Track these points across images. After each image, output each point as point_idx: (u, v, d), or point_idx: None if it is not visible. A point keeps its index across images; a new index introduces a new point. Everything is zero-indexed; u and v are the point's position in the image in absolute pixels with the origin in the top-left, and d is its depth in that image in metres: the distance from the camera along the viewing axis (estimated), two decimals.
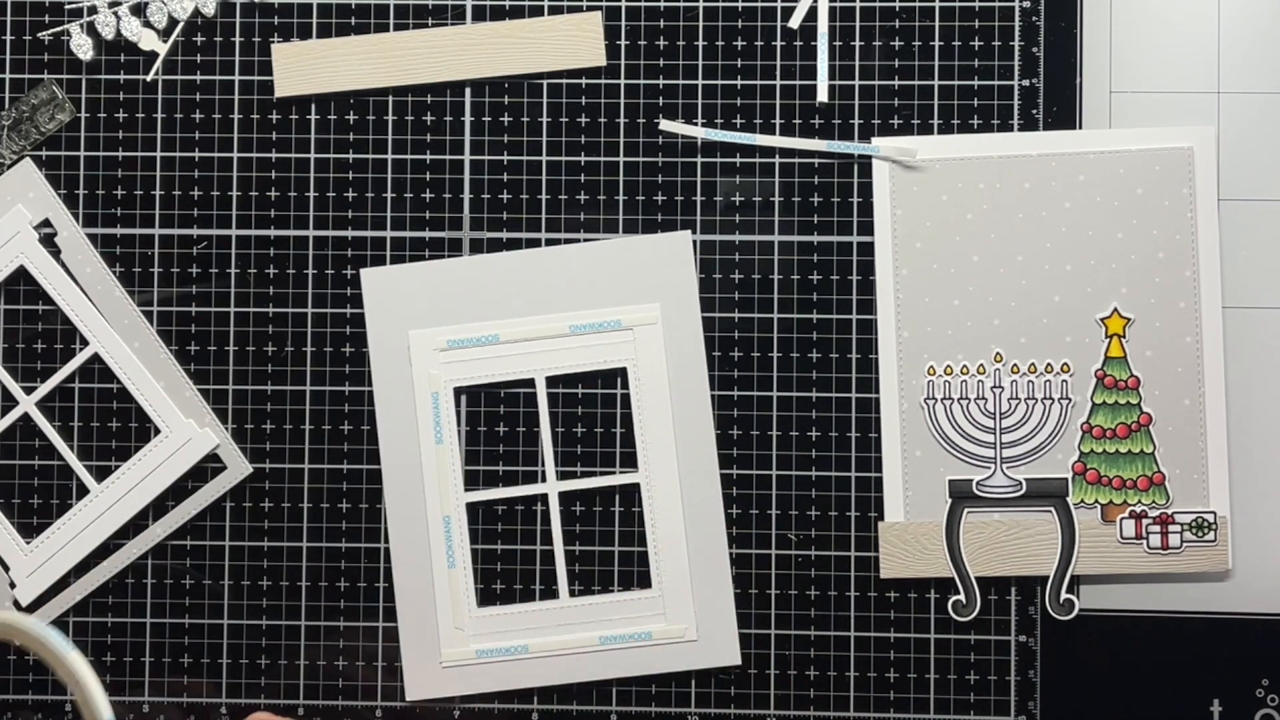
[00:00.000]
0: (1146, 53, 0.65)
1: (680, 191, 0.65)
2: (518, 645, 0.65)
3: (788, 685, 0.64)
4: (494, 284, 0.65)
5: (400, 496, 0.65)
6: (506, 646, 0.65)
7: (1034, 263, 0.64)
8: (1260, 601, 0.64)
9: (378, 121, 0.66)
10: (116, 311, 0.65)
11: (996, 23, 0.65)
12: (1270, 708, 0.64)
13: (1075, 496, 0.64)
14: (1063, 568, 0.64)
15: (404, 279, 0.65)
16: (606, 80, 0.66)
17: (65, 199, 0.66)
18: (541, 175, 0.66)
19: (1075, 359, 0.64)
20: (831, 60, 0.65)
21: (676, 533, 0.65)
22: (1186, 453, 0.64)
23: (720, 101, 0.65)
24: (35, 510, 0.66)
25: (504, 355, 0.65)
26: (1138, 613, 0.65)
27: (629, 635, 0.65)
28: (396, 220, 0.66)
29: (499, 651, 0.65)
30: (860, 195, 0.65)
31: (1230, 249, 0.64)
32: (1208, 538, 0.64)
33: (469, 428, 0.65)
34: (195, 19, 0.66)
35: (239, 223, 0.66)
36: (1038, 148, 0.65)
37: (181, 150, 0.66)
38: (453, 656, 0.65)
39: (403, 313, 0.65)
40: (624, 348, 0.64)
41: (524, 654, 0.65)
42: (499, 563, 0.65)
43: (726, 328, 0.65)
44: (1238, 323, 0.64)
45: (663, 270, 0.64)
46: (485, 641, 0.65)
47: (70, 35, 0.66)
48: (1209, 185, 0.64)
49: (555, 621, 0.65)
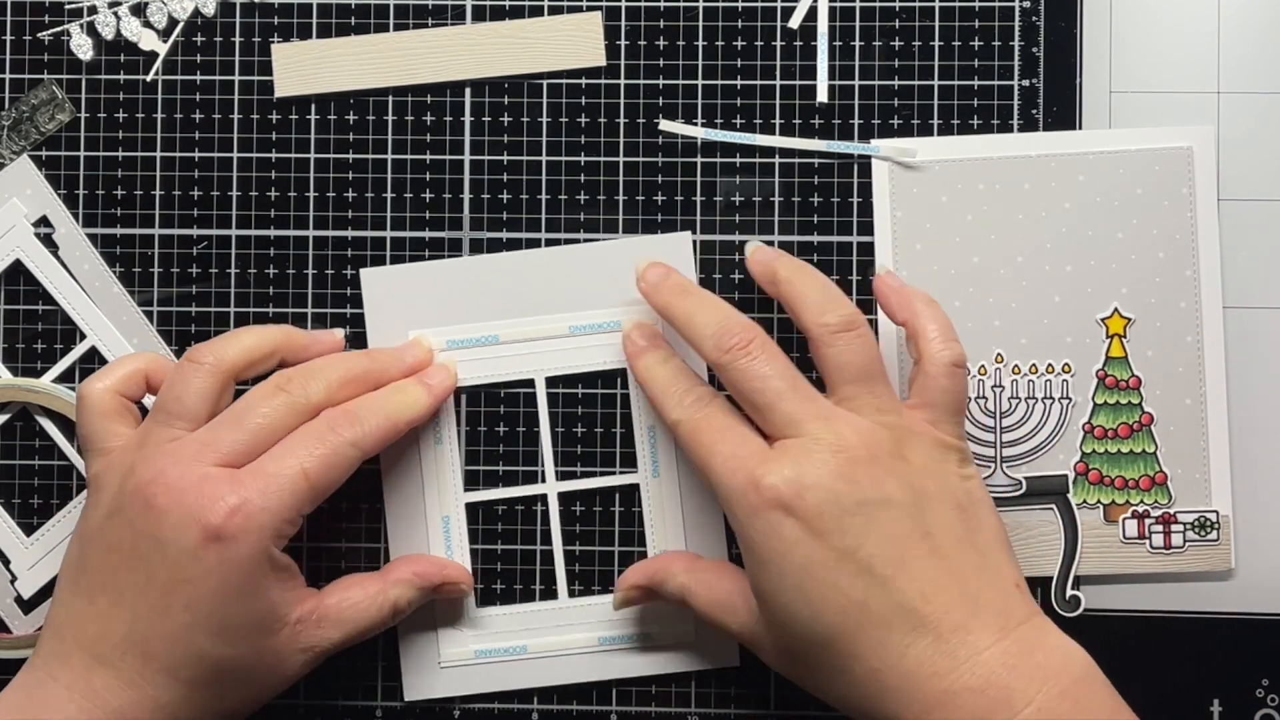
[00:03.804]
0: (1146, 53, 0.65)
1: (680, 191, 0.65)
2: (517, 646, 0.65)
3: (788, 685, 0.64)
4: (494, 284, 0.65)
5: (399, 496, 0.65)
6: (505, 647, 0.65)
7: (1034, 263, 0.64)
8: (1261, 601, 0.64)
9: (378, 121, 0.66)
10: (115, 308, 0.65)
11: (996, 23, 0.65)
12: (1270, 708, 0.64)
13: (1078, 497, 0.64)
14: (1067, 564, 0.64)
15: (404, 279, 0.65)
16: (606, 80, 0.66)
17: (65, 199, 0.66)
18: (541, 175, 0.66)
19: (1076, 359, 0.64)
20: (831, 60, 0.65)
21: (676, 534, 0.64)
22: (1188, 452, 0.64)
23: (720, 101, 0.65)
24: (35, 504, 0.66)
25: (504, 356, 0.64)
26: (1137, 612, 0.65)
27: (628, 636, 0.64)
28: (396, 220, 0.66)
29: (498, 652, 0.65)
30: (860, 195, 0.65)
31: (1230, 249, 0.64)
32: (1210, 537, 0.64)
33: (468, 428, 0.65)
34: (195, 19, 0.66)
35: (239, 223, 0.66)
36: (1037, 148, 0.65)
37: (181, 150, 0.66)
38: (451, 656, 0.65)
39: (402, 313, 0.65)
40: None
41: (523, 654, 0.65)
42: (498, 563, 0.65)
43: None
44: (1238, 323, 0.64)
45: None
46: (484, 642, 0.65)
47: (70, 35, 0.66)
48: (1209, 185, 0.64)
49: (554, 622, 0.65)
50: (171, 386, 0.59)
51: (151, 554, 0.55)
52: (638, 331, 0.63)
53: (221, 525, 0.55)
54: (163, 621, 0.55)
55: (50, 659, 0.56)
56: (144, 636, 0.55)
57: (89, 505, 0.58)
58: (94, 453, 0.59)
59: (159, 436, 0.58)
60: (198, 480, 0.56)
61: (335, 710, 0.65)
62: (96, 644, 0.56)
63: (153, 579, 0.55)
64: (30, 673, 0.57)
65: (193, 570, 0.55)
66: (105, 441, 0.59)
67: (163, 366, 0.61)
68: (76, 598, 0.57)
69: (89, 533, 0.57)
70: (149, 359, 0.61)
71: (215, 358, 0.59)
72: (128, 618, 0.56)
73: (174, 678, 0.56)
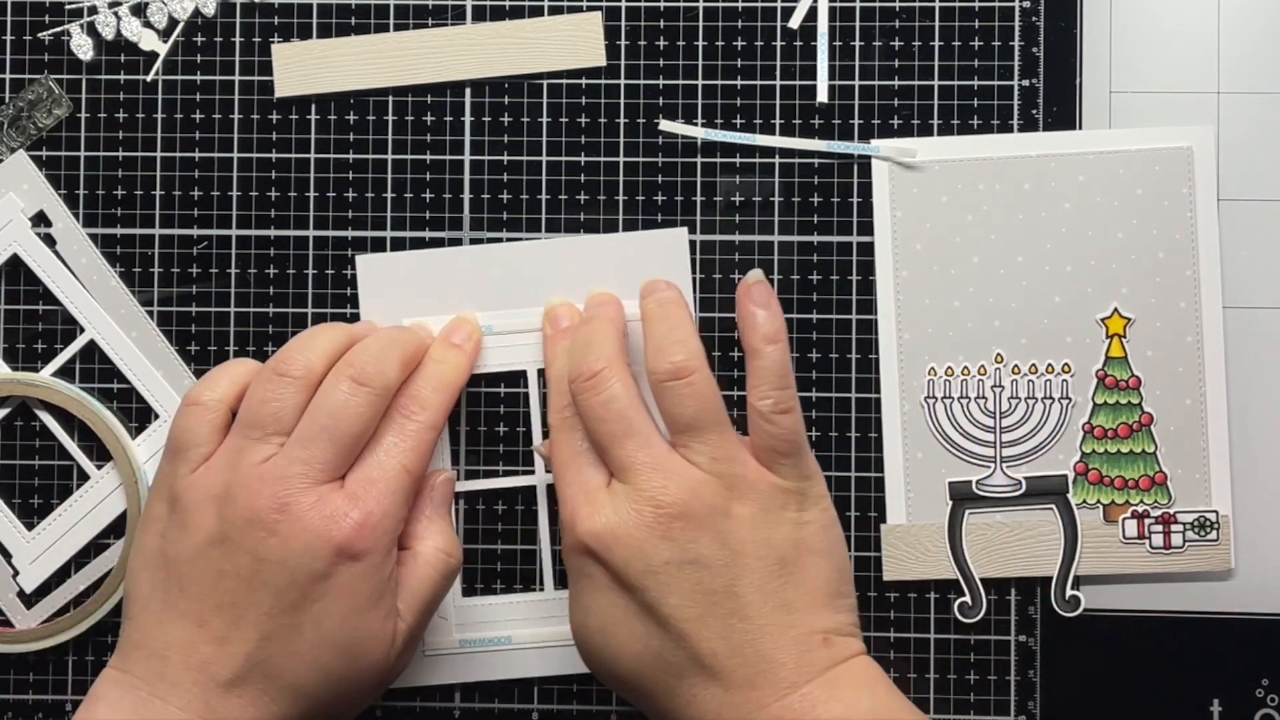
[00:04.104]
0: (1146, 53, 0.65)
1: (680, 191, 0.65)
2: (501, 636, 0.65)
3: None
4: (489, 275, 0.65)
5: None
6: (490, 637, 0.65)
7: (1034, 263, 0.64)
8: (1260, 601, 0.64)
9: (378, 121, 0.66)
10: (113, 301, 0.66)
11: (996, 23, 0.65)
12: (1270, 708, 0.64)
13: (1077, 497, 0.64)
14: (1066, 564, 0.64)
15: (399, 266, 0.65)
16: (606, 80, 0.66)
17: (65, 199, 0.66)
18: (541, 175, 0.66)
19: (1076, 359, 0.64)
20: (831, 60, 0.65)
21: None
22: (1188, 452, 0.64)
23: (720, 101, 0.65)
24: (36, 498, 0.66)
25: (496, 346, 0.64)
26: (1137, 613, 0.64)
27: None
28: (396, 220, 0.66)
29: (482, 642, 0.65)
30: (860, 195, 0.65)
31: (1230, 249, 0.64)
32: (1210, 537, 0.64)
33: (459, 416, 0.65)
34: (195, 19, 0.66)
35: (239, 223, 0.66)
36: (1037, 148, 0.65)
37: (181, 150, 0.66)
38: (435, 645, 0.65)
39: (397, 300, 0.65)
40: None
41: (507, 645, 0.65)
42: (484, 553, 0.65)
43: (726, 328, 0.65)
44: (1238, 323, 0.64)
45: (658, 266, 0.64)
46: (469, 631, 0.65)
47: (70, 35, 0.66)
48: (1209, 185, 0.64)
49: (540, 614, 0.65)
50: (265, 403, 0.57)
51: (277, 578, 0.55)
52: (561, 309, 0.64)
53: (352, 542, 0.55)
54: (290, 642, 0.55)
55: (155, 681, 0.55)
56: (268, 656, 0.55)
57: (174, 525, 0.57)
58: (186, 464, 0.58)
59: (254, 456, 0.57)
60: (314, 501, 0.56)
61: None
62: (210, 667, 0.55)
63: (280, 601, 0.55)
64: (129, 691, 0.55)
65: (323, 590, 0.55)
66: (202, 454, 0.58)
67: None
68: (179, 620, 0.56)
69: (185, 556, 0.56)
70: (252, 367, 0.61)
71: (305, 368, 0.58)
72: (252, 638, 0.55)
73: (297, 694, 0.56)
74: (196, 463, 0.58)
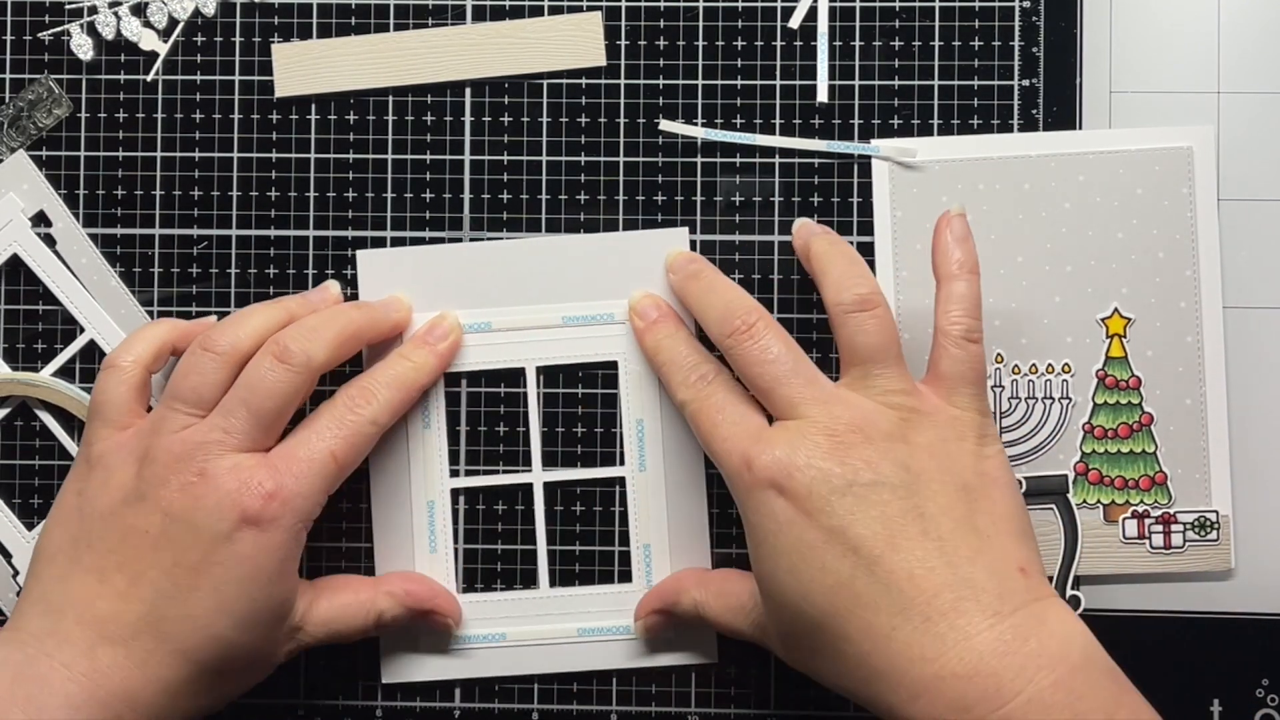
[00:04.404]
0: (1146, 53, 0.65)
1: (680, 191, 0.65)
2: (496, 633, 0.65)
3: (789, 685, 0.64)
4: (489, 271, 0.65)
5: (385, 479, 0.65)
6: (484, 634, 0.65)
7: (1034, 263, 0.64)
8: (1261, 601, 0.64)
9: (378, 121, 0.66)
10: (113, 301, 0.66)
11: (996, 23, 0.65)
12: (1270, 708, 0.64)
13: (1078, 497, 0.64)
14: (1067, 564, 0.64)
15: (400, 261, 0.65)
16: (606, 80, 0.66)
17: (65, 199, 0.66)
18: (541, 175, 0.66)
19: (1076, 359, 0.64)
20: (831, 60, 0.65)
21: (660, 529, 0.64)
22: (1188, 452, 0.64)
23: (720, 101, 0.65)
24: (36, 498, 0.66)
25: (496, 343, 0.64)
26: (1137, 613, 0.64)
27: (607, 629, 0.64)
28: (396, 220, 0.66)
29: (477, 639, 0.65)
30: (860, 195, 0.65)
31: (1230, 249, 0.64)
32: (1210, 537, 0.64)
33: (457, 413, 0.65)
34: (195, 19, 0.66)
35: (239, 223, 0.66)
36: (1037, 148, 0.65)
37: (181, 150, 0.66)
38: (430, 642, 0.65)
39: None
40: (617, 341, 0.64)
41: (501, 642, 0.65)
42: (481, 550, 0.65)
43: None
44: (1238, 323, 0.64)
45: (659, 265, 0.64)
46: (466, 628, 0.65)
47: (70, 35, 0.66)
48: (1209, 185, 0.64)
49: (535, 611, 0.65)
50: (187, 376, 0.59)
51: (183, 537, 0.56)
52: (647, 301, 0.64)
53: (260, 510, 0.56)
54: (186, 603, 0.56)
55: (44, 637, 0.55)
56: (163, 617, 0.56)
57: (95, 483, 0.58)
58: (106, 425, 0.59)
59: (174, 423, 0.58)
60: (231, 467, 0.57)
61: (335, 710, 0.65)
62: (106, 623, 0.55)
63: (181, 561, 0.56)
64: (16, 649, 0.55)
65: (225, 554, 0.56)
66: (123, 418, 0.59)
67: (185, 334, 0.62)
68: (82, 575, 0.56)
69: (98, 512, 0.57)
70: (169, 327, 0.62)
71: (230, 345, 0.59)
72: (148, 597, 0.56)
73: (185, 660, 0.56)
74: (116, 423, 0.59)
